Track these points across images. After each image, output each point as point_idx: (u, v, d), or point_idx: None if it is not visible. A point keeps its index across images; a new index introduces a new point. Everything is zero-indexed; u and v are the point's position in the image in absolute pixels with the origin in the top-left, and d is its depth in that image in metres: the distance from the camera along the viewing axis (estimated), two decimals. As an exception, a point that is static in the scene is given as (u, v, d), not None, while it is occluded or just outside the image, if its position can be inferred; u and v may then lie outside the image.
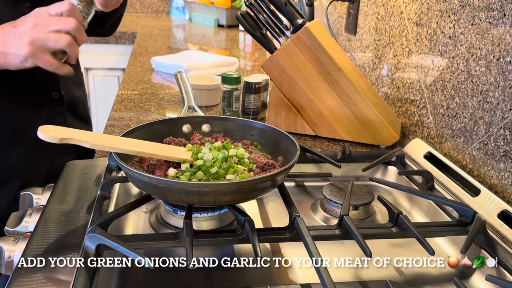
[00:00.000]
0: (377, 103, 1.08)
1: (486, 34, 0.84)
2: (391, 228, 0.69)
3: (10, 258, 0.65)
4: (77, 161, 0.92)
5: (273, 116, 1.14)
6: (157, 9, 3.11)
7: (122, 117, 1.20)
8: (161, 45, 2.19)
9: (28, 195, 0.82)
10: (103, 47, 2.41)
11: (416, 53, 1.09)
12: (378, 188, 0.91)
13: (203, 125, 0.86)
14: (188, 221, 0.63)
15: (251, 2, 1.06)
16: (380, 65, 1.29)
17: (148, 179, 0.63)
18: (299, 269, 0.65)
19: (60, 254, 0.62)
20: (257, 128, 0.83)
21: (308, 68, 1.06)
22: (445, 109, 0.97)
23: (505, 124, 0.79)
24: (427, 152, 0.94)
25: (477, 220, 0.69)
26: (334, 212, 0.80)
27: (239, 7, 2.66)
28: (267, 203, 0.84)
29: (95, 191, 0.78)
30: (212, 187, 0.62)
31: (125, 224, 0.76)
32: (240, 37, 2.51)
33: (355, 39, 1.48)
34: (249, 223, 0.63)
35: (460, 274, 0.66)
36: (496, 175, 0.82)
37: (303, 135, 1.14)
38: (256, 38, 1.11)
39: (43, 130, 0.63)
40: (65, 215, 0.73)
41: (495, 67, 0.81)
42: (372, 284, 0.62)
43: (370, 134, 1.08)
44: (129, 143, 0.71)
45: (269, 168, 0.75)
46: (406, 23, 1.13)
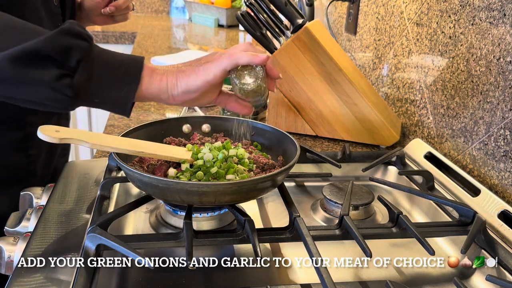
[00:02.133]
0: (377, 103, 1.07)
1: (486, 34, 0.84)
2: (391, 228, 0.69)
3: (10, 258, 0.65)
4: (77, 161, 0.93)
5: (273, 116, 1.14)
6: (157, 9, 3.11)
7: (122, 117, 1.20)
8: (161, 45, 2.19)
9: (28, 195, 0.82)
10: (103, 47, 2.41)
11: (416, 53, 1.09)
12: (378, 188, 0.91)
13: (203, 125, 0.85)
14: (188, 221, 0.63)
15: (251, 2, 1.06)
16: (380, 65, 1.29)
17: (148, 179, 0.63)
18: (299, 269, 0.65)
19: (60, 254, 0.62)
20: (257, 128, 0.83)
21: (308, 68, 1.06)
22: (445, 109, 0.97)
23: (505, 124, 0.79)
24: (427, 152, 0.94)
25: (477, 220, 0.69)
26: (334, 212, 0.80)
27: (239, 7, 2.66)
28: (267, 203, 0.84)
29: (95, 191, 0.78)
30: (212, 187, 0.62)
31: (125, 224, 0.76)
32: (240, 37, 2.51)
33: (355, 39, 1.48)
34: (249, 223, 0.63)
35: (460, 274, 0.66)
36: (496, 175, 0.81)
37: (303, 135, 1.14)
38: (256, 38, 1.11)
39: (43, 130, 0.63)
40: (65, 215, 0.73)
41: (495, 67, 0.81)
42: (372, 284, 0.62)
43: (370, 134, 1.08)
44: (129, 143, 0.71)
45: (269, 168, 0.75)
46: (406, 23, 1.13)
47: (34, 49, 0.59)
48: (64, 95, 0.60)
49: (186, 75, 0.66)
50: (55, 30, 0.61)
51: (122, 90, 0.64)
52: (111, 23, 1.12)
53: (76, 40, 0.61)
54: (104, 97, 0.64)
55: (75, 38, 0.61)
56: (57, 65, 0.59)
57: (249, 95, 0.68)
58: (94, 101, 0.64)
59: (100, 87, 0.63)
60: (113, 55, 0.65)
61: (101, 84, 0.63)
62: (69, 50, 0.60)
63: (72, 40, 0.60)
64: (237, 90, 0.68)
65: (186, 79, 0.66)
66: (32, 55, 0.59)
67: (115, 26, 2.28)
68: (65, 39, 0.60)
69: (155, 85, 0.65)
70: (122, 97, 0.64)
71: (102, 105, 0.65)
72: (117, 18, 1.11)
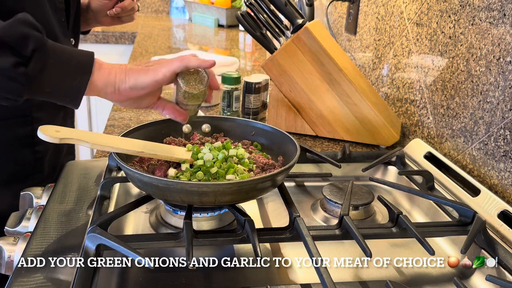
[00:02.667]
0: (377, 103, 1.08)
1: (486, 34, 0.84)
2: (391, 228, 0.69)
3: (10, 258, 0.65)
4: (77, 161, 0.93)
5: (273, 116, 1.14)
6: (157, 9, 3.11)
7: (122, 117, 1.20)
8: (161, 45, 2.19)
9: (28, 195, 0.82)
10: (103, 47, 2.41)
11: (416, 53, 1.09)
12: (378, 188, 0.91)
13: (203, 125, 0.86)
14: (188, 221, 0.63)
15: (251, 2, 1.06)
16: (380, 65, 1.29)
17: (148, 179, 0.63)
18: (299, 269, 0.65)
19: (60, 254, 0.62)
20: (257, 128, 0.83)
21: (308, 68, 1.06)
22: (445, 109, 0.97)
23: (505, 124, 0.79)
24: (427, 152, 0.94)
25: (477, 220, 0.69)
26: (334, 212, 0.80)
27: (239, 7, 2.66)
28: (267, 203, 0.84)
29: (95, 191, 0.78)
30: (212, 187, 0.62)
31: (125, 224, 0.76)
32: (240, 37, 2.51)
33: (355, 39, 1.48)
34: (249, 223, 0.63)
35: (460, 274, 0.66)
36: (496, 175, 0.82)
37: (303, 135, 1.14)
38: (256, 38, 1.11)
39: (43, 130, 0.63)
40: (65, 215, 0.73)
41: (495, 67, 0.81)
42: (372, 284, 0.62)
43: (370, 134, 1.08)
44: (129, 143, 0.71)
45: (269, 168, 0.75)
46: (406, 23, 1.13)
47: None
48: (18, 83, 0.61)
49: (135, 72, 0.68)
50: (10, 20, 0.62)
51: (74, 81, 0.65)
52: (118, 23, 1.14)
53: (32, 30, 0.62)
54: (56, 87, 0.65)
55: (31, 28, 0.62)
56: (13, 53, 0.61)
57: (191, 100, 0.71)
58: (45, 91, 0.65)
59: (52, 77, 0.64)
60: (65, 48, 0.66)
61: (54, 75, 0.64)
62: (26, 39, 0.61)
63: (29, 30, 0.62)
64: (181, 93, 0.70)
65: (136, 76, 0.67)
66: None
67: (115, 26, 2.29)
68: (22, 28, 0.61)
69: (103, 78, 0.67)
70: (74, 88, 0.65)
71: (53, 95, 0.66)
72: (123, 19, 1.13)
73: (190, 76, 0.70)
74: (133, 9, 1.11)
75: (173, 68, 0.68)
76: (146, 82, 0.67)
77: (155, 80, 0.67)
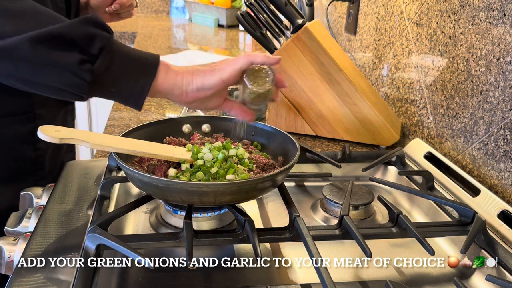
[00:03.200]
0: (377, 103, 1.08)
1: (486, 34, 0.84)
2: (391, 228, 0.69)
3: (10, 258, 0.65)
4: (77, 161, 0.93)
5: (273, 116, 1.14)
6: (157, 9, 3.11)
7: (122, 117, 1.21)
8: (161, 45, 2.19)
9: (28, 195, 0.82)
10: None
11: (416, 53, 1.09)
12: (378, 188, 0.91)
13: (203, 125, 0.86)
14: (188, 221, 0.63)
15: (251, 2, 1.06)
16: (380, 65, 1.29)
17: (148, 179, 0.63)
18: (299, 269, 0.65)
19: (60, 254, 0.62)
20: (257, 128, 0.83)
21: (308, 68, 1.06)
22: (445, 109, 0.97)
23: (505, 124, 0.79)
24: (427, 152, 0.94)
25: (477, 220, 0.69)
26: (334, 212, 0.80)
27: (239, 7, 2.66)
28: (267, 203, 0.84)
29: (95, 191, 0.78)
30: (212, 187, 0.62)
31: (125, 224, 0.76)
32: (240, 37, 2.51)
33: (355, 39, 1.48)
34: (249, 223, 0.63)
35: (460, 274, 0.66)
36: (496, 175, 0.82)
37: (303, 135, 1.14)
38: (256, 38, 1.11)
39: (43, 130, 0.63)
40: (65, 215, 0.73)
41: (495, 67, 0.81)
42: (372, 284, 0.62)
43: (370, 134, 1.08)
44: (129, 143, 0.71)
45: (269, 168, 0.75)
46: (406, 23, 1.13)
47: (60, 33, 0.60)
48: (83, 80, 0.62)
49: (202, 73, 0.68)
50: (78, 18, 0.63)
51: (138, 82, 0.65)
52: (116, 20, 1.14)
53: (99, 30, 0.63)
54: (120, 87, 0.65)
55: (98, 28, 0.63)
56: (80, 50, 0.61)
57: (256, 99, 0.70)
58: (110, 90, 0.66)
59: (117, 77, 0.65)
60: (132, 49, 0.67)
61: (119, 74, 0.65)
62: (93, 38, 0.62)
63: (96, 29, 0.63)
64: (247, 93, 0.69)
65: (202, 76, 0.67)
66: (57, 39, 0.60)
67: (115, 26, 2.28)
68: (89, 27, 0.62)
69: (170, 80, 0.67)
70: (137, 89, 0.66)
71: (116, 95, 0.67)
72: (122, 15, 1.14)
73: (256, 75, 0.69)
74: (132, 5, 1.12)
75: (239, 65, 0.68)
76: (213, 82, 0.67)
77: (221, 80, 0.67)
